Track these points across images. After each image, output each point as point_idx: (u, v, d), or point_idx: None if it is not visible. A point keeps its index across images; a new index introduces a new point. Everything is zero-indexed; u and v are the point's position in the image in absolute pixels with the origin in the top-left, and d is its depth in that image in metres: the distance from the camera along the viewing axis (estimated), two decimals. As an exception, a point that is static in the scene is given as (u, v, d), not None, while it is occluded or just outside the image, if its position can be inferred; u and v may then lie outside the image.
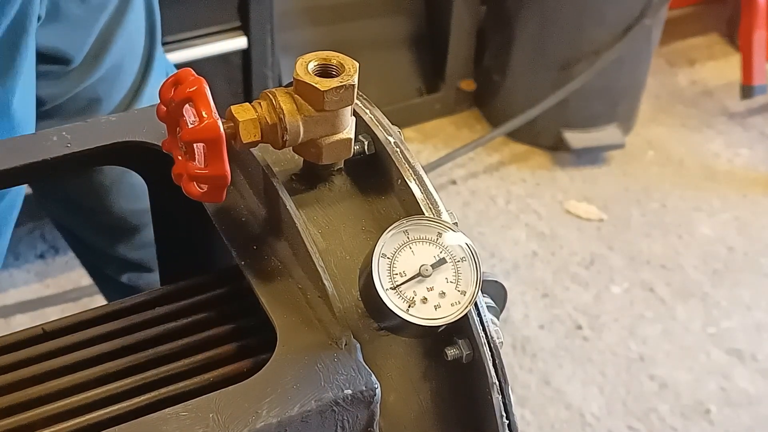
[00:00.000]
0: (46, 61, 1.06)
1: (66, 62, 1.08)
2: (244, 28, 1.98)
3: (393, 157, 0.71)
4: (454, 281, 0.64)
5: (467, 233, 0.66)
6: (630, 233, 2.37)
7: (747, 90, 2.63)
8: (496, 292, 0.76)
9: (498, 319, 0.75)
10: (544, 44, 2.46)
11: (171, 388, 0.67)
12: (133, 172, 0.83)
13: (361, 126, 0.73)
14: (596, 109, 2.54)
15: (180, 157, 0.65)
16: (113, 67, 1.14)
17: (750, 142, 2.69)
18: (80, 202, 1.29)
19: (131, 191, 1.26)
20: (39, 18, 1.00)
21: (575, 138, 2.52)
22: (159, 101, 0.66)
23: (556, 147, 2.56)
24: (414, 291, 0.63)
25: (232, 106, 0.67)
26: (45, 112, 1.13)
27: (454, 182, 2.48)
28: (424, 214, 0.68)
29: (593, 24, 2.38)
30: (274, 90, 0.67)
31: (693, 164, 2.60)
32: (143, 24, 1.19)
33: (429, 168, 2.40)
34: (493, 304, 0.75)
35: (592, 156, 2.57)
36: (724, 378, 2.03)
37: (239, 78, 2.07)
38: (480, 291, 0.64)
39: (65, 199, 1.31)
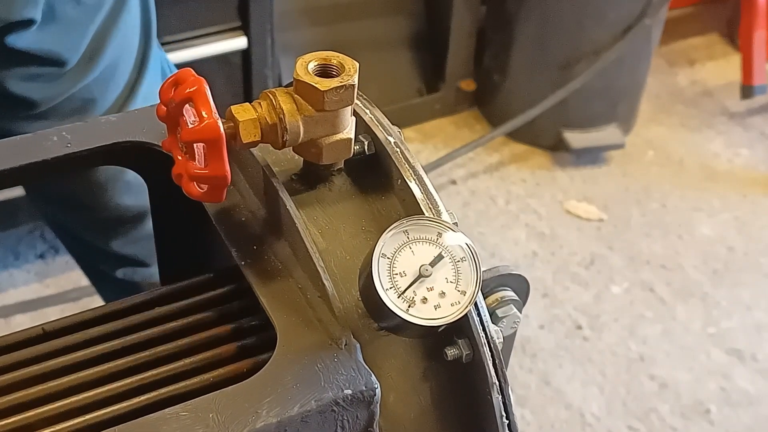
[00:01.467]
0: (41, 63, 1.06)
1: (61, 64, 1.08)
2: (244, 28, 1.98)
3: (393, 157, 0.71)
4: (454, 281, 0.64)
5: (467, 233, 0.66)
6: (630, 233, 2.37)
7: (747, 90, 2.63)
8: (519, 285, 0.76)
9: (521, 312, 0.75)
10: (544, 44, 2.46)
11: (171, 388, 0.67)
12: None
13: (361, 126, 0.73)
14: (596, 109, 2.54)
15: (180, 157, 0.65)
16: (108, 67, 1.14)
17: (750, 142, 2.69)
18: (76, 199, 1.28)
19: (127, 187, 1.25)
20: (34, 21, 1.00)
21: (575, 138, 2.52)
22: (155, 100, 0.66)
23: (556, 147, 2.56)
24: (414, 291, 0.63)
25: (232, 106, 0.67)
26: (40, 114, 1.13)
27: (454, 182, 2.48)
28: (424, 214, 0.68)
29: (593, 24, 2.38)
30: (274, 90, 0.67)
31: (693, 164, 2.60)
32: (138, 23, 1.19)
33: (429, 168, 2.40)
34: (516, 298, 0.75)
35: (592, 156, 2.57)
36: (724, 378, 2.03)
37: (239, 78, 2.07)
38: (480, 291, 0.64)
39: (60, 197, 1.31)
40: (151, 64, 1.22)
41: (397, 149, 0.72)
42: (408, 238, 0.64)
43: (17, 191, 1.90)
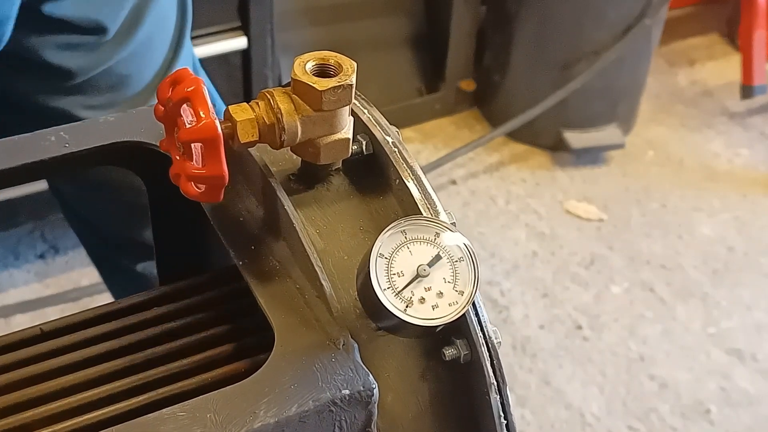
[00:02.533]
0: (80, 31, 1.06)
1: (100, 32, 1.07)
2: (244, 28, 1.98)
3: (391, 157, 0.71)
4: (451, 281, 0.64)
5: (467, 233, 0.66)
6: (630, 233, 2.37)
7: (747, 90, 2.63)
8: None
9: None
10: (544, 44, 2.46)
11: (169, 388, 0.67)
12: None
13: (359, 126, 0.73)
14: (596, 109, 2.54)
15: (178, 157, 0.65)
16: (145, 41, 1.14)
17: (750, 142, 2.69)
18: (107, 179, 1.26)
19: None
20: None
21: (575, 138, 2.52)
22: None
23: (556, 147, 2.56)
24: (412, 291, 0.63)
25: (229, 106, 0.66)
26: (75, 86, 1.12)
27: (454, 182, 2.48)
28: (422, 214, 0.68)
29: (593, 24, 2.38)
30: (272, 90, 0.67)
31: (693, 164, 2.60)
32: (175, 2, 1.19)
33: (429, 168, 2.40)
34: None
35: (592, 156, 2.57)
36: (724, 378, 2.03)
37: (239, 78, 2.07)
38: (478, 291, 0.64)
39: (91, 180, 1.29)
40: (185, 47, 1.22)
41: (395, 149, 0.72)
42: (406, 238, 0.64)
43: (17, 191, 1.90)
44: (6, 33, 1.00)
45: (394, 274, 0.63)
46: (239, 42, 1.99)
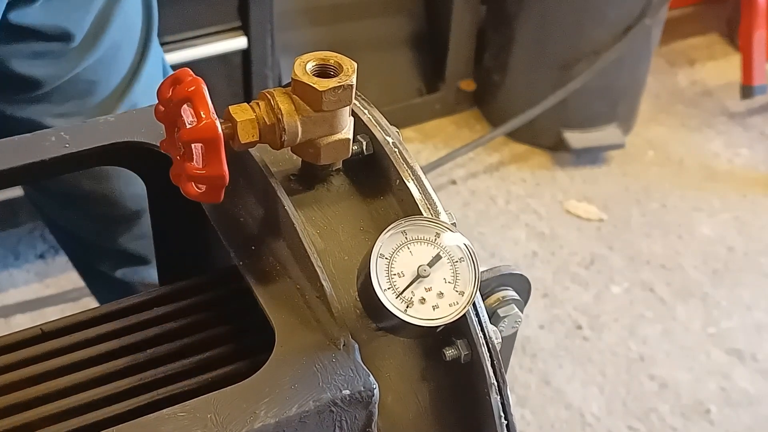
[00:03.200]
0: (46, 38, 1.06)
1: (67, 39, 1.07)
2: (244, 28, 1.98)
3: (391, 157, 0.71)
4: (452, 281, 0.64)
5: (467, 233, 0.66)
6: (630, 233, 2.37)
7: (747, 90, 2.63)
8: (520, 285, 0.76)
9: (522, 312, 0.75)
10: (544, 44, 2.46)
11: (169, 388, 0.67)
12: None
13: (360, 126, 0.73)
14: (596, 109, 2.54)
15: (178, 158, 0.65)
16: (111, 47, 1.14)
17: (750, 142, 2.69)
18: (78, 190, 1.27)
19: (129, 178, 1.24)
20: None
21: (575, 138, 2.52)
22: (155, 89, 0.66)
23: (556, 147, 2.56)
24: (412, 291, 0.63)
25: (230, 107, 0.67)
26: (43, 96, 1.12)
27: (454, 182, 2.48)
28: (422, 214, 0.68)
29: (593, 24, 2.38)
30: (272, 90, 0.67)
31: (693, 164, 2.60)
32: (140, 7, 1.19)
33: (429, 168, 2.40)
34: (518, 297, 0.75)
35: (592, 156, 2.57)
36: (724, 378, 2.03)
37: (239, 78, 2.07)
38: (478, 291, 0.64)
39: (62, 191, 1.30)
40: (152, 53, 1.22)
41: (396, 149, 0.72)
42: (406, 238, 0.64)
43: (17, 191, 1.90)
44: None
45: (395, 274, 0.63)
46: (239, 42, 1.99)
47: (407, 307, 0.62)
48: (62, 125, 1.13)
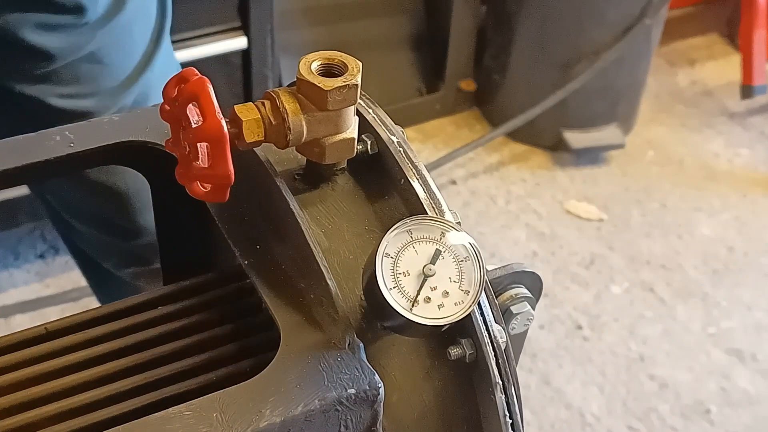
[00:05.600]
0: (60, 10, 1.05)
1: (80, 12, 1.07)
2: (244, 28, 1.98)
3: (396, 156, 0.71)
4: (457, 281, 0.64)
5: (468, 233, 0.66)
6: (630, 233, 2.37)
7: (747, 90, 2.63)
8: (532, 282, 0.76)
9: (534, 309, 0.75)
10: (544, 44, 2.46)
11: (174, 387, 0.67)
12: None
13: (364, 125, 0.73)
14: (596, 109, 2.54)
15: (183, 157, 0.65)
16: (125, 28, 1.13)
17: (750, 142, 2.69)
18: (85, 183, 1.26)
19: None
20: None
21: (575, 138, 2.52)
22: (166, 81, 0.65)
23: (556, 147, 2.57)
24: (417, 290, 0.63)
25: (235, 106, 0.67)
26: (52, 72, 1.11)
27: (454, 182, 2.48)
28: (427, 213, 0.68)
29: (593, 24, 2.38)
30: (277, 90, 0.67)
31: (693, 164, 2.60)
32: None
33: (429, 168, 2.39)
34: (530, 295, 0.75)
35: (592, 156, 2.57)
36: (724, 378, 2.03)
37: (239, 78, 2.07)
38: (483, 291, 0.64)
39: (69, 186, 1.28)
40: (165, 44, 1.21)
41: (400, 149, 0.72)
42: (411, 237, 0.64)
43: (17, 191, 1.90)
44: None
45: (400, 273, 0.63)
46: (239, 42, 1.99)
47: (412, 306, 0.62)
48: (68, 105, 1.13)
